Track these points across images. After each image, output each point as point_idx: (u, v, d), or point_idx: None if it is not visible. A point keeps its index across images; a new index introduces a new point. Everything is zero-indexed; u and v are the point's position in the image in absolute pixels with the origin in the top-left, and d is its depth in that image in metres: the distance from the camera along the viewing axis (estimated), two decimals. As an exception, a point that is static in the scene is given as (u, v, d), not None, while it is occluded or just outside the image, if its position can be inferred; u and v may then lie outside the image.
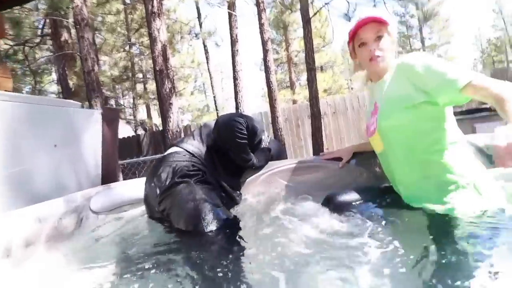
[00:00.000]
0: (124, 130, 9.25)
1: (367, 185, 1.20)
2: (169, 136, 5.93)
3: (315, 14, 3.24)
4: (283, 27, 11.39)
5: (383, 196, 1.06)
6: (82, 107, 1.59)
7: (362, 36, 0.93)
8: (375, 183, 1.20)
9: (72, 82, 5.78)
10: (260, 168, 1.34)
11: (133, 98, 8.17)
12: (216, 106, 6.72)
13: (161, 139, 6.00)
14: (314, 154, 3.16)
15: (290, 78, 13.18)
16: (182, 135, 6.19)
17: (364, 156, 1.27)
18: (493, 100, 0.73)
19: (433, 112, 0.86)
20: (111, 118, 1.66)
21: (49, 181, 1.32)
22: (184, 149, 1.24)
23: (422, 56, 0.87)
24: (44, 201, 1.15)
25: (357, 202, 1.06)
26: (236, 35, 7.89)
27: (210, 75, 6.64)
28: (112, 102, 7.86)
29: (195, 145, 1.26)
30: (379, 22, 0.91)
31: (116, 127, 1.67)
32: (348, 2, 2.94)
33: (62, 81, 5.73)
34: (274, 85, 4.53)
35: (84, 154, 1.55)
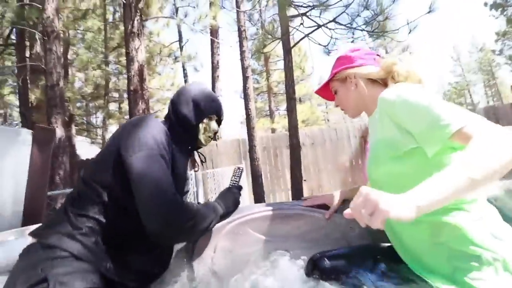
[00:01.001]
0: (91, 151, 8.55)
1: (361, 244, 0.96)
2: (138, 160, 5.47)
3: (296, 43, 3.21)
4: (264, 58, 11.73)
5: (381, 260, 0.83)
6: (4, 123, 1.25)
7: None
8: (371, 241, 0.97)
9: (34, 95, 5.26)
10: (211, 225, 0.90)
11: (104, 118, 7.64)
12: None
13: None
14: (292, 186, 2.93)
15: (270, 107, 13.36)
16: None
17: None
18: None
19: (434, 160, 0.65)
20: (44, 140, 1.33)
21: None
22: (55, 246, 0.69)
23: (403, 89, 0.71)
24: None
25: (349, 268, 0.82)
26: (218, 62, 7.91)
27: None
28: (79, 120, 7.26)
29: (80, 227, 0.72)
30: (330, 80, 0.94)
31: (49, 152, 1.33)
32: (328, 35, 2.95)
33: (21, 94, 5.18)
34: (253, 112, 4.39)
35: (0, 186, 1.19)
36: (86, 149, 9.52)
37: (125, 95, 10.80)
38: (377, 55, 0.91)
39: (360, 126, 6.31)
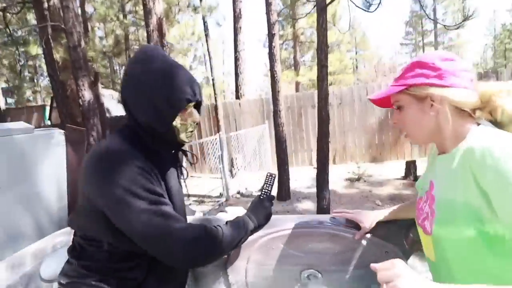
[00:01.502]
0: (118, 110, 8.81)
1: None
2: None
3: (332, 1, 2.77)
4: (290, 1, 10.51)
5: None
6: (40, 127, 1.26)
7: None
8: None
9: (58, 55, 5.28)
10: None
11: None
12: (214, 87, 6.30)
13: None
14: (318, 164, 2.88)
15: (295, 57, 12.51)
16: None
17: (392, 229, 0.99)
18: None
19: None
20: (76, 140, 1.35)
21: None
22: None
23: (507, 152, 0.51)
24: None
25: None
26: (240, 11, 7.23)
27: (209, 54, 6.13)
28: (104, 76, 7.30)
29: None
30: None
31: (83, 151, 1.36)
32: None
33: (46, 55, 5.20)
34: (279, 74, 4.11)
35: (43, 189, 1.26)
36: (114, 103, 9.85)
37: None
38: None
39: (394, 85, 5.78)
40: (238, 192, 4.65)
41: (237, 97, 7.40)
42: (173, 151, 0.81)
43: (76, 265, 0.74)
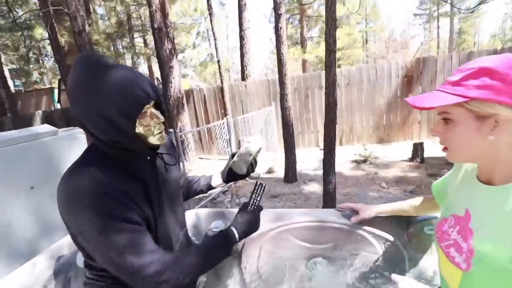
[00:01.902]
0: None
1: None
2: (171, 103, 5.63)
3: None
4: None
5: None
6: (57, 133, 1.34)
7: None
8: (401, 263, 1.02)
9: (64, 39, 5.25)
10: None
11: (132, 58, 7.55)
12: (220, 70, 6.23)
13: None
14: (324, 149, 2.93)
15: (302, 33, 12.05)
16: (184, 101, 5.88)
17: (394, 223, 1.07)
18: None
19: None
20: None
21: (30, 231, 1.16)
22: None
23: None
24: (21, 265, 1.02)
25: None
26: (245, -14, 6.91)
27: (214, 34, 5.99)
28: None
29: None
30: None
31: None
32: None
33: (52, 40, 5.17)
34: (285, 57, 4.03)
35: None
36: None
37: (147, 25, 10.25)
38: None
39: (405, 64, 5.62)
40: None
41: (243, 78, 7.31)
42: (148, 158, 0.76)
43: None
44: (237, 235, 0.78)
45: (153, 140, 0.70)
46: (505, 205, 0.52)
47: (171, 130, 3.02)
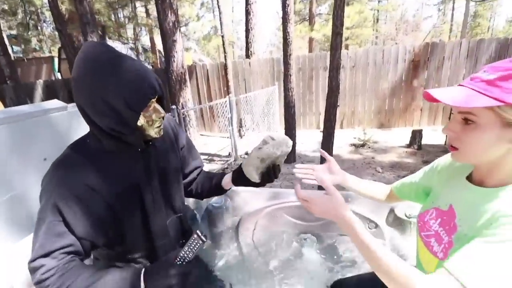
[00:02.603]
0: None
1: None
2: (173, 78, 5.58)
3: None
4: None
5: None
6: (66, 108, 1.39)
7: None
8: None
9: (65, 7, 5.10)
10: None
11: (134, 29, 7.33)
12: (224, 46, 6.10)
13: (165, 79, 5.67)
14: (324, 132, 2.99)
15: (310, 9, 11.58)
16: (187, 77, 5.82)
17: (377, 205, 1.16)
18: None
19: None
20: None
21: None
22: None
23: None
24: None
25: None
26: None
27: (219, 8, 5.78)
28: (112, 31, 7.07)
29: None
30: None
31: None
32: None
33: (52, 8, 5.01)
34: (291, 37, 3.95)
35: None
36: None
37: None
38: None
39: (413, 48, 5.49)
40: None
41: (247, 55, 7.17)
42: (139, 150, 0.76)
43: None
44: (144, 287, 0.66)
45: (152, 132, 0.73)
46: (489, 203, 0.54)
47: (173, 107, 3.05)
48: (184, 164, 0.96)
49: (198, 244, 0.66)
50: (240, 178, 0.88)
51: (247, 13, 6.94)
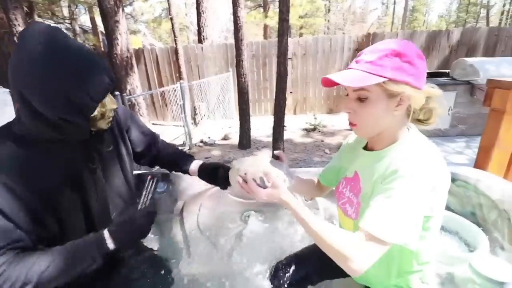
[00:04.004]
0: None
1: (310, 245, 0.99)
2: (117, 62, 5.15)
3: None
4: None
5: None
6: None
7: (344, 86, 0.64)
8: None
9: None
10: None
11: (69, 7, 6.45)
12: (173, 29, 5.79)
13: (109, 64, 5.20)
14: (274, 117, 3.09)
15: (264, -5, 11.51)
16: (134, 62, 5.41)
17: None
18: None
19: None
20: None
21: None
22: None
23: (417, 169, 0.58)
24: None
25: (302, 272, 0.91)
26: None
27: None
28: (42, 9, 6.08)
29: None
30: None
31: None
32: None
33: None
34: (242, 21, 3.91)
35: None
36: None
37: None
38: None
39: (357, 38, 5.89)
40: (202, 141, 4.81)
41: (200, 40, 6.93)
42: (83, 139, 0.72)
43: None
44: (111, 243, 0.67)
45: (103, 124, 0.72)
46: (382, 162, 0.65)
47: (117, 93, 2.83)
48: (135, 144, 0.95)
49: (153, 185, 0.73)
50: (215, 179, 0.95)
51: (198, -4, 6.65)
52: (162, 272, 0.98)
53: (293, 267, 0.92)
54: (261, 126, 5.50)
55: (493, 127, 1.16)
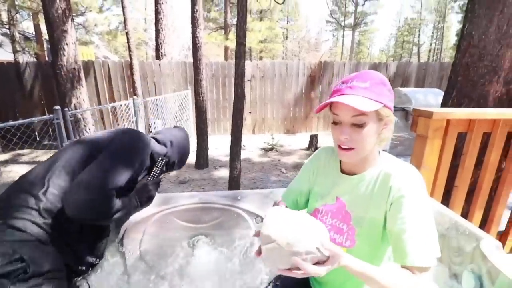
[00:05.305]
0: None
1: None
2: (62, 74, 4.72)
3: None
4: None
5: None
6: None
7: (337, 113, 0.65)
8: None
9: None
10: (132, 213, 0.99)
11: (9, 11, 5.78)
12: (128, 43, 5.59)
13: (52, 74, 4.74)
14: (232, 137, 3.10)
15: (225, 19, 11.92)
16: (82, 74, 5.01)
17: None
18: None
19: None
20: None
21: None
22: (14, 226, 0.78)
23: (417, 188, 0.64)
24: None
25: None
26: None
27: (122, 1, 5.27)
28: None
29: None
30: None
31: None
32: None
33: None
34: (201, 41, 3.96)
35: None
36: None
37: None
38: None
39: (310, 65, 6.37)
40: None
41: (157, 57, 6.78)
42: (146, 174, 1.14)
43: None
44: (135, 202, 0.99)
45: (154, 171, 1.15)
46: (368, 185, 0.69)
47: (57, 107, 2.56)
48: None
49: (162, 164, 1.11)
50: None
51: (157, 12, 6.59)
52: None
53: None
54: (220, 145, 5.45)
55: (419, 150, 1.31)
